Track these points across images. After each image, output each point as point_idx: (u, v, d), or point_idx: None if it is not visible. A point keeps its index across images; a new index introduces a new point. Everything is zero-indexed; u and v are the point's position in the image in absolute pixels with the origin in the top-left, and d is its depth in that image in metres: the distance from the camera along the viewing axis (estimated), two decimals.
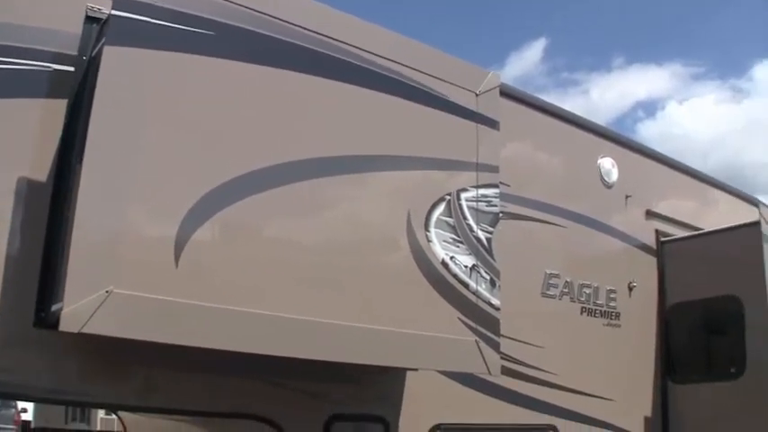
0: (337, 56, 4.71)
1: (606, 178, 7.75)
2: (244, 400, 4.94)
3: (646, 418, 7.72)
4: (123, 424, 7.78)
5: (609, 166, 7.80)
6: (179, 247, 3.87)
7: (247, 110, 4.32)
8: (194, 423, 6.09)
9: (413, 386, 5.63)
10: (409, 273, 4.85)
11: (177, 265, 3.86)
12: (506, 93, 6.39)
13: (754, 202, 9.20)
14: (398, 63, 5.01)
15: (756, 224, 7.70)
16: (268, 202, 4.25)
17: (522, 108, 7.07)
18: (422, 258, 4.89)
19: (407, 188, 5.04)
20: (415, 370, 5.46)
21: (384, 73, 4.93)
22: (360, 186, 4.82)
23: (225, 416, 5.04)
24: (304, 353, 4.34)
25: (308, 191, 4.46)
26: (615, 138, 8.17)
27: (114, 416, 9.46)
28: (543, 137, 7.41)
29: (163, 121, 3.97)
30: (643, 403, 7.77)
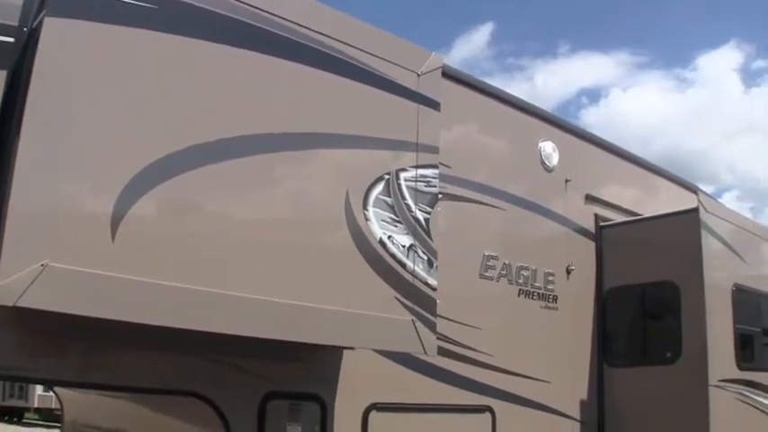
0: (279, 33, 4.82)
1: (546, 162, 8.06)
2: (179, 378, 5.06)
3: (581, 401, 8.09)
4: (60, 401, 7.83)
5: (550, 150, 8.11)
6: (116, 222, 3.94)
7: (187, 85, 4.39)
8: (132, 400, 6.19)
9: (349, 365, 5.82)
10: (346, 251, 4.99)
11: (114, 240, 3.93)
12: (448, 74, 6.59)
13: (694, 189, 9.60)
14: (340, 41, 5.13)
15: (695, 211, 8.08)
16: (206, 178, 4.33)
17: (465, 90, 7.29)
18: (359, 237, 5.04)
19: (347, 167, 5.18)
20: (352, 349, 5.64)
21: (325, 51, 5.04)
22: (299, 164, 4.93)
23: (160, 392, 5.15)
24: (240, 329, 4.45)
25: (246, 167, 4.55)
26: (557, 122, 8.48)
27: (52, 392, 9.45)
28: (485, 119, 7.65)
29: (102, 95, 4.04)
30: (579, 386, 8.13)
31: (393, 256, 5.19)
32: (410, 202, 5.39)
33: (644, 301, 8.63)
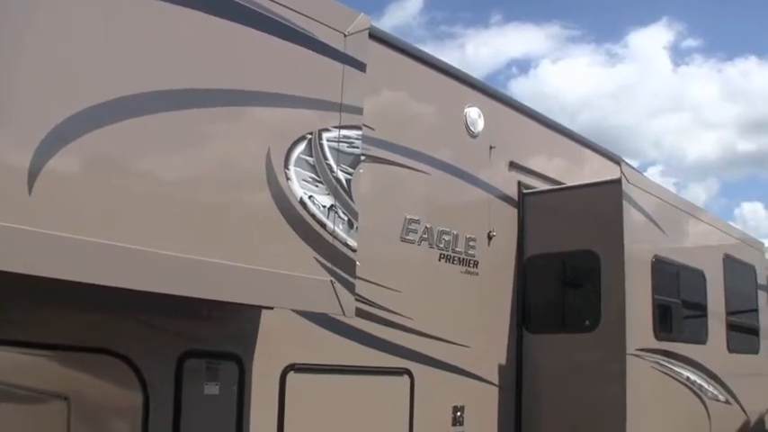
0: None
1: (472, 128, 8.36)
2: (95, 335, 5.15)
3: (500, 366, 8.48)
4: None
5: (475, 116, 8.40)
6: (33, 175, 3.97)
7: (106, 37, 4.42)
8: (46, 357, 6.20)
9: (268, 325, 6.02)
10: (266, 210, 5.12)
11: (31, 193, 3.97)
12: (376, 36, 6.77)
13: (617, 161, 9.98)
14: None
15: (617, 182, 8.45)
16: (127, 132, 4.39)
17: (392, 53, 7.49)
18: (280, 196, 5.17)
19: (269, 125, 5.30)
20: (270, 309, 5.83)
21: (251, 7, 5.11)
22: (221, 120, 5.02)
23: (76, 350, 5.19)
24: (158, 287, 4.54)
25: (168, 123, 4.62)
26: (483, 88, 8.76)
27: None
28: (411, 83, 7.86)
29: (20, 43, 4.07)
30: (498, 351, 8.52)
31: (313, 216, 5.34)
32: (332, 162, 5.54)
33: (564, 269, 9.06)
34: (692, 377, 9.70)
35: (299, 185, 5.30)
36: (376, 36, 6.72)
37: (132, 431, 5.38)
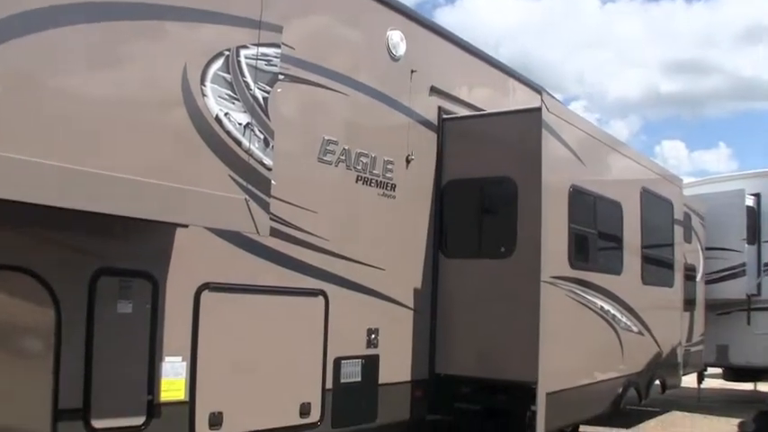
0: None
1: (393, 51, 8.50)
2: (6, 253, 5.19)
3: (415, 290, 8.79)
4: None
5: (397, 39, 8.55)
6: None
7: None
8: None
9: (182, 244, 6.15)
10: (180, 126, 5.21)
11: None
12: None
13: (539, 90, 10.21)
14: None
15: (537, 110, 8.67)
16: (38, 46, 4.40)
17: None
18: (195, 113, 5.27)
19: (186, 40, 5.34)
20: (185, 227, 5.95)
21: None
22: (136, 35, 5.03)
23: None
24: (70, 203, 4.64)
25: (82, 36, 4.65)
26: (407, 12, 8.86)
27: None
28: (334, 3, 7.96)
29: None
30: (413, 275, 8.82)
31: (229, 133, 5.46)
32: (249, 79, 5.63)
33: (482, 195, 9.33)
34: (606, 307, 10.13)
35: (215, 102, 5.40)
36: None
37: (45, 350, 5.48)
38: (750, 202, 16.84)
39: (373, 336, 8.12)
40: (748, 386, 18.39)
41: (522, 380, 8.38)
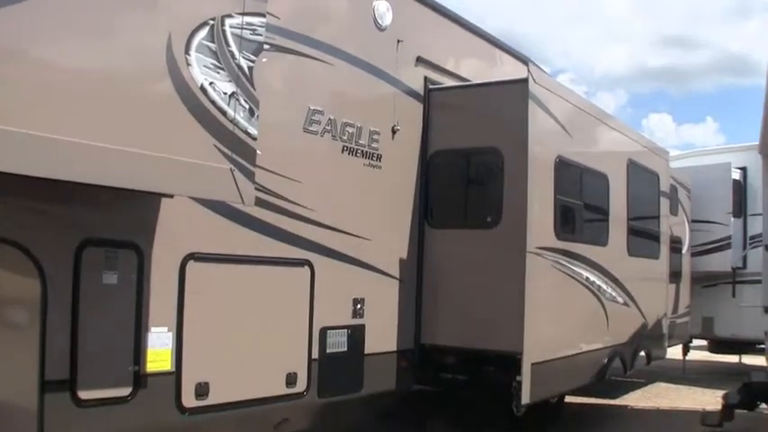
0: None
1: (379, 21, 8.49)
2: None
3: (401, 260, 8.84)
4: None
5: (383, 9, 8.53)
6: None
7: None
8: None
9: (167, 214, 6.17)
10: (165, 96, 5.21)
11: None
12: None
13: (525, 61, 10.24)
14: None
15: (524, 81, 8.67)
16: (19, 16, 4.36)
17: None
18: (180, 82, 5.26)
19: (170, 9, 5.33)
20: (170, 197, 5.96)
21: None
22: (121, 3, 5.03)
23: None
24: (55, 173, 4.64)
25: (65, 6, 4.65)
26: None
27: None
28: None
29: None
30: (399, 245, 8.88)
31: (213, 102, 5.46)
32: (234, 49, 5.63)
33: (468, 165, 9.41)
34: (592, 278, 10.21)
35: (200, 72, 5.39)
36: None
37: (31, 321, 5.51)
38: (736, 175, 16.98)
39: (359, 306, 8.18)
40: (733, 358, 18.58)
41: (508, 350, 8.46)
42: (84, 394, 5.69)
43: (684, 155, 19.05)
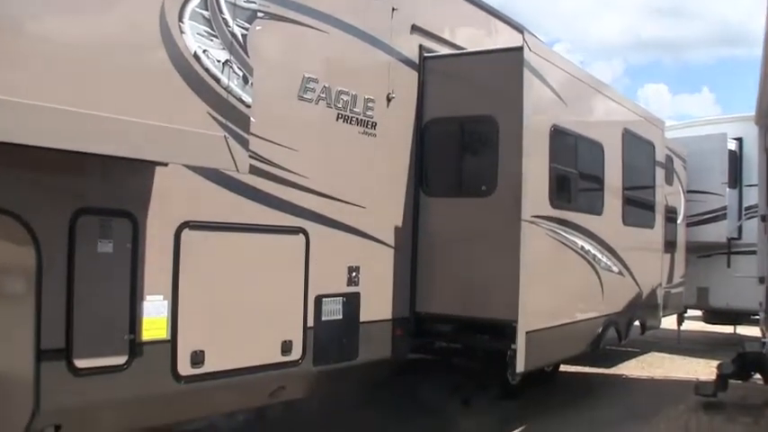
0: None
1: None
2: None
3: (396, 228, 8.87)
4: None
5: None
6: None
7: None
8: None
9: (162, 183, 6.17)
10: (159, 64, 5.23)
11: None
12: None
13: (520, 29, 10.23)
14: None
15: (519, 49, 8.66)
16: None
17: None
18: (173, 50, 5.28)
19: None
20: (164, 165, 5.98)
21: None
22: None
23: None
24: (51, 142, 4.65)
25: None
26: None
27: None
28: None
29: None
30: (394, 213, 8.90)
31: (207, 70, 5.48)
32: (228, 16, 5.65)
33: (463, 133, 9.39)
34: (587, 247, 10.27)
35: (194, 39, 5.41)
36: None
37: (26, 291, 5.53)
38: (732, 146, 17.02)
39: (354, 274, 8.20)
40: (728, 329, 18.72)
41: (502, 318, 8.52)
42: (80, 363, 5.72)
43: (680, 125, 19.08)
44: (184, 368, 6.49)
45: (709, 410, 10.98)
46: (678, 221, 16.19)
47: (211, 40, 5.54)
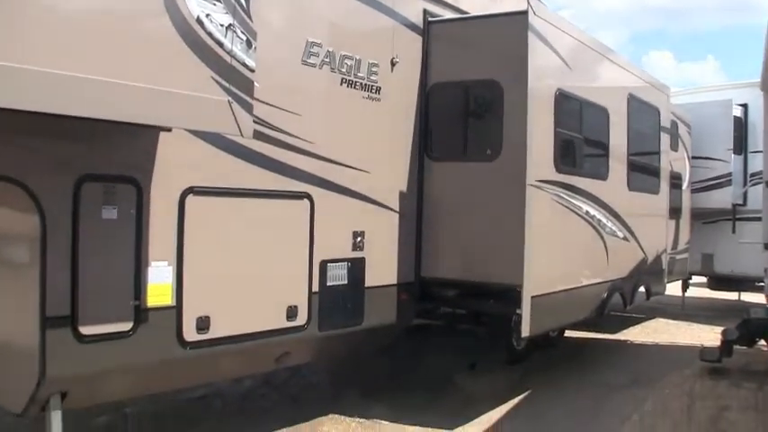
0: None
1: None
2: None
3: (401, 192, 8.87)
4: None
5: None
6: None
7: None
8: None
9: (165, 148, 6.17)
10: (161, 28, 5.17)
11: None
12: None
13: None
14: None
15: (524, 13, 8.59)
16: None
17: None
18: (176, 14, 5.22)
19: None
20: (168, 130, 5.97)
21: None
22: None
23: None
24: (52, 107, 4.63)
25: None
26: None
27: None
28: None
29: None
30: (399, 178, 8.89)
31: (210, 34, 5.41)
32: None
33: (467, 98, 9.36)
34: (592, 212, 10.24)
35: (197, 3, 5.34)
36: None
37: (31, 258, 5.55)
38: (737, 112, 16.94)
39: (359, 239, 8.20)
40: (732, 295, 18.72)
41: (507, 283, 8.53)
42: (85, 330, 5.74)
43: (686, 91, 18.94)
44: (190, 334, 6.52)
45: (713, 376, 11.02)
46: (683, 187, 16.15)
47: (214, 5, 5.47)
